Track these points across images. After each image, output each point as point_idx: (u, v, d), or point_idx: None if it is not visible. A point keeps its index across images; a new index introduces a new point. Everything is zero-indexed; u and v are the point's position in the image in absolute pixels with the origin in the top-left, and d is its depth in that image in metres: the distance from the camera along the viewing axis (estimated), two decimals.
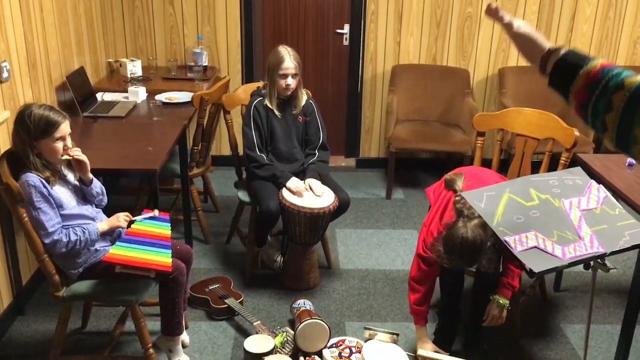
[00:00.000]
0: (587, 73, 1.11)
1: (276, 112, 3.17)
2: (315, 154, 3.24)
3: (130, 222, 2.49)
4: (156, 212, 2.56)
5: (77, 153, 2.35)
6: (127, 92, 3.72)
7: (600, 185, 2.11)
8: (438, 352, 2.56)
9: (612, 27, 4.60)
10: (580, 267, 1.93)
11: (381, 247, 3.73)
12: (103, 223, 2.44)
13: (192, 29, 4.47)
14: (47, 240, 2.25)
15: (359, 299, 3.18)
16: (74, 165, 2.39)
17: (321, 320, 2.71)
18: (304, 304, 2.93)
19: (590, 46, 4.64)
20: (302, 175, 3.19)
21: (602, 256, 1.83)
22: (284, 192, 3.05)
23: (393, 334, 2.75)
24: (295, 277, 3.22)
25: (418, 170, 4.84)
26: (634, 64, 4.69)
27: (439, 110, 4.55)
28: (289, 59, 3.09)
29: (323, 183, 3.16)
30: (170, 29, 4.47)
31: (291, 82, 3.11)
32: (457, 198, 2.24)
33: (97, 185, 2.47)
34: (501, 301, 2.46)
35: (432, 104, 4.56)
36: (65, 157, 2.33)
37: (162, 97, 3.67)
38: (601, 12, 4.55)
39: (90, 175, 2.43)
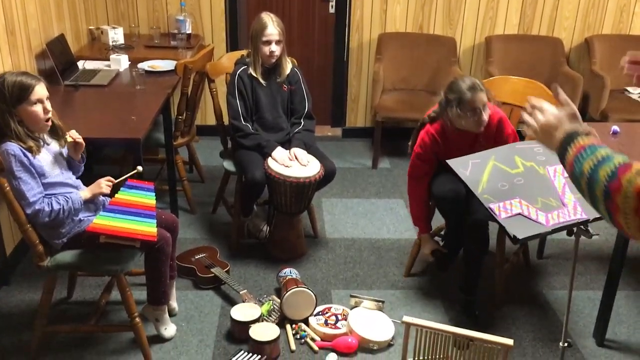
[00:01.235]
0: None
1: (261, 80, 3.13)
2: (301, 123, 3.22)
3: (114, 187, 2.47)
4: (139, 168, 2.54)
5: (76, 135, 2.37)
6: (109, 60, 3.65)
7: None
8: (438, 251, 2.82)
9: None
10: (563, 234, 1.95)
11: (367, 216, 3.75)
12: (85, 191, 2.42)
13: None
14: (28, 210, 2.23)
15: (345, 268, 3.20)
16: (69, 146, 2.38)
17: (307, 288, 2.72)
18: (290, 272, 2.94)
19: (577, 13, 4.62)
20: (287, 145, 3.17)
21: (585, 222, 1.85)
22: (270, 161, 3.04)
23: (378, 301, 2.78)
24: (282, 246, 3.23)
25: (404, 139, 4.80)
26: (620, 32, 4.69)
27: (426, 79, 4.53)
28: (272, 25, 3.05)
29: (309, 152, 3.15)
30: None
31: (275, 48, 3.07)
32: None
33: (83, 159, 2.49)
34: None
35: (418, 72, 4.54)
36: (68, 139, 2.35)
37: (144, 65, 3.61)
38: None
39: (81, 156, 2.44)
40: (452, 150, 2.65)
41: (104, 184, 2.43)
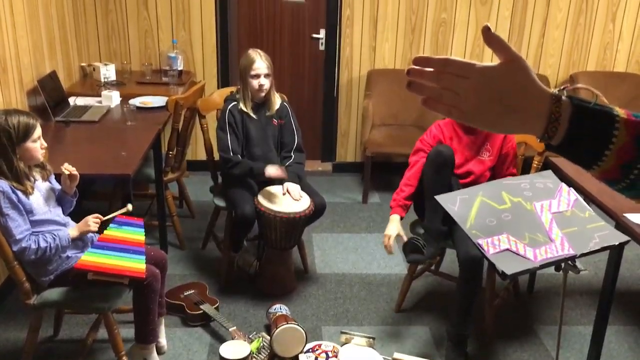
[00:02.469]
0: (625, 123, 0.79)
1: (251, 114, 3.16)
2: (291, 156, 3.24)
3: (103, 223, 2.46)
4: (129, 206, 2.53)
5: (71, 167, 2.39)
6: (100, 96, 3.68)
7: (571, 188, 2.15)
8: (400, 237, 2.78)
9: (583, 33, 4.69)
10: (553, 269, 1.96)
11: (357, 251, 3.74)
12: (73, 229, 2.41)
13: (167, 33, 4.44)
14: (15, 248, 2.22)
15: (335, 303, 3.18)
16: (63, 180, 2.39)
17: (297, 325, 2.70)
18: (280, 308, 2.92)
19: (561, 51, 4.72)
20: (277, 181, 3.18)
21: (573, 258, 1.86)
22: (260, 197, 3.04)
23: (369, 337, 2.76)
24: (272, 281, 3.21)
25: (394, 174, 4.84)
26: (604, 69, 4.79)
27: (414, 115, 4.59)
28: (259, 59, 3.10)
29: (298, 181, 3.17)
30: (145, 32, 4.43)
31: (264, 81, 3.11)
32: None
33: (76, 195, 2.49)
34: None
35: (407, 108, 4.60)
36: (64, 170, 2.37)
37: (136, 101, 3.64)
38: (572, 18, 4.64)
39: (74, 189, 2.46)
40: (457, 151, 2.82)
41: (91, 222, 2.41)
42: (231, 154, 3.11)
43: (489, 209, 1.92)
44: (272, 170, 3.01)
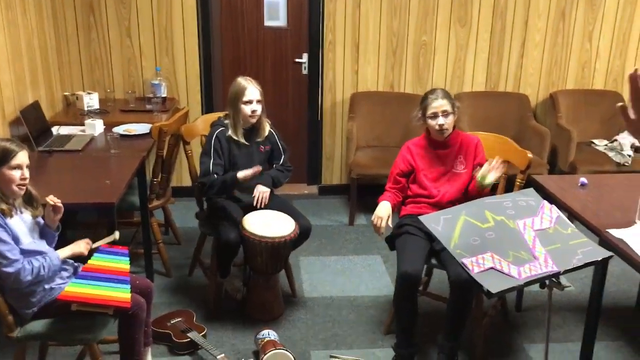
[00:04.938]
0: None
1: (242, 141, 3.17)
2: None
3: (91, 251, 2.45)
4: (116, 234, 2.52)
5: (55, 199, 2.37)
6: (83, 125, 3.67)
7: (553, 205, 2.17)
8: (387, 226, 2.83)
9: (561, 52, 4.78)
10: (538, 286, 1.97)
11: (345, 273, 3.73)
12: (64, 250, 2.39)
13: (150, 61, 4.46)
14: (11, 269, 2.18)
15: (324, 327, 3.16)
16: (47, 211, 2.37)
17: (286, 350, 2.67)
18: (268, 334, 2.89)
19: (541, 71, 4.80)
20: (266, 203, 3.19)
21: (557, 275, 1.87)
22: (245, 222, 3.04)
23: None
24: (259, 307, 3.19)
25: (379, 195, 4.87)
26: (583, 87, 4.87)
27: (398, 136, 4.62)
28: (252, 86, 3.13)
29: (284, 209, 3.16)
30: (128, 61, 4.45)
31: (257, 107, 3.13)
32: None
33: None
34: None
35: (391, 130, 4.63)
36: (48, 201, 2.35)
37: (119, 129, 3.63)
38: (550, 39, 4.73)
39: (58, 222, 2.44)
40: (433, 164, 2.95)
41: (83, 245, 2.41)
42: (210, 176, 3.10)
43: (472, 228, 1.93)
44: (242, 174, 3.06)
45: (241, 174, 3.07)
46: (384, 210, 2.87)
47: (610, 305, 3.41)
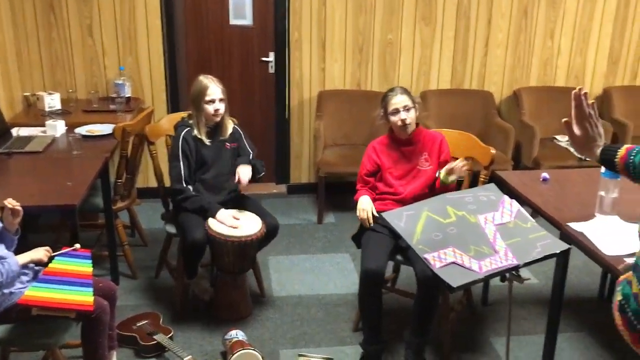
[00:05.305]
0: (620, 159, 1.72)
1: (206, 140, 3.14)
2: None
3: (51, 258, 2.39)
4: (77, 246, 2.47)
5: (13, 202, 2.30)
6: (44, 126, 3.59)
7: (513, 199, 2.20)
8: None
9: (524, 50, 4.86)
10: (500, 279, 2.00)
11: (314, 271, 3.73)
12: (23, 256, 2.33)
13: (113, 60, 4.39)
14: None
15: (292, 326, 3.16)
16: (5, 215, 2.31)
17: (254, 350, 2.66)
18: (236, 334, 2.88)
19: (504, 68, 4.87)
20: (230, 204, 3.17)
21: (517, 268, 1.90)
22: (210, 221, 3.01)
23: (328, 359, 2.74)
24: (227, 307, 3.17)
25: (348, 193, 4.87)
26: (546, 84, 4.96)
27: (366, 134, 4.63)
28: (214, 85, 3.10)
29: (251, 208, 3.15)
30: (91, 60, 4.37)
31: (219, 106, 3.11)
32: None
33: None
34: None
35: (358, 128, 4.65)
36: (6, 205, 2.28)
37: (82, 130, 3.56)
38: (512, 37, 4.80)
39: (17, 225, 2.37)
40: (398, 162, 2.97)
41: (42, 252, 2.35)
42: (184, 184, 3.08)
43: (434, 223, 1.95)
44: (222, 216, 3.02)
45: (221, 216, 3.02)
46: (366, 203, 2.91)
47: (573, 297, 3.48)
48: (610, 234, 2.27)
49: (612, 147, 1.77)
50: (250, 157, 3.28)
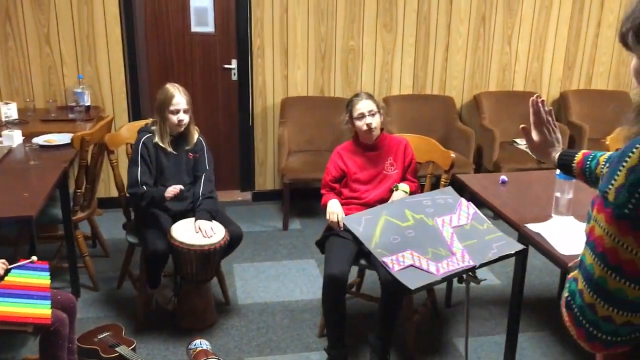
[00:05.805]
0: (577, 164, 1.82)
1: (169, 149, 3.11)
2: (200, 196, 3.17)
3: (7, 271, 2.33)
4: (34, 258, 2.42)
5: None
6: (0, 136, 3.51)
7: (470, 202, 2.25)
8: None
9: (483, 56, 4.96)
10: (458, 280, 2.03)
11: (279, 278, 3.73)
12: None
13: (72, 69, 4.32)
14: None
15: (258, 334, 3.14)
16: None
17: (219, 358, 2.64)
18: (200, 344, 2.85)
19: (464, 74, 4.96)
20: (192, 214, 3.14)
21: (473, 269, 1.93)
22: (173, 230, 2.98)
23: None
24: (191, 316, 3.14)
25: (313, 199, 4.89)
26: (505, 89, 5.07)
27: (330, 140, 4.66)
28: (179, 94, 3.07)
29: (215, 218, 3.13)
30: (48, 69, 4.30)
31: (183, 117, 3.08)
32: None
33: None
34: (404, 189, 2.85)
35: (322, 134, 4.67)
36: None
37: (40, 139, 3.50)
38: (472, 43, 4.90)
39: None
40: (363, 167, 3.01)
41: None
42: (139, 186, 3.03)
43: (393, 227, 1.97)
44: (169, 192, 3.00)
45: (168, 193, 3.01)
46: (335, 206, 2.92)
47: (533, 297, 3.55)
48: (566, 234, 2.33)
49: (569, 152, 1.83)
50: (203, 176, 3.21)
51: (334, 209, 2.91)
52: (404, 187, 2.92)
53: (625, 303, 1.01)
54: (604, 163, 1.75)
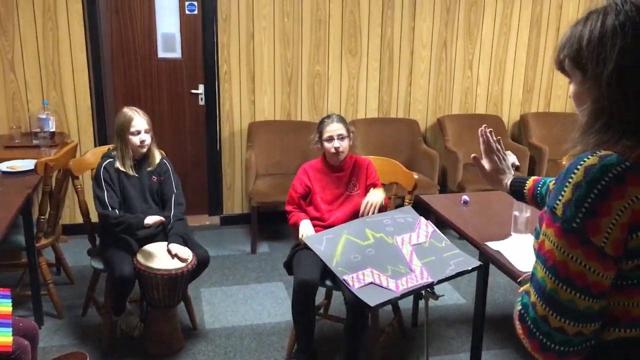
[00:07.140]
0: (528, 190, 1.91)
1: (131, 173, 3.12)
2: (171, 210, 3.18)
3: None
4: None
5: None
6: None
7: (429, 220, 2.30)
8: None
9: (445, 79, 5.09)
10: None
11: (247, 302, 3.72)
12: None
13: (36, 95, 4.30)
14: None
15: (225, 358, 3.13)
16: None
17: None
18: None
19: (428, 97, 5.08)
20: (159, 237, 3.14)
21: (431, 285, 1.98)
22: (139, 256, 2.97)
23: None
24: (157, 342, 3.11)
25: (281, 222, 4.91)
26: (467, 111, 5.20)
27: (297, 163, 4.68)
28: (138, 116, 3.09)
29: (187, 242, 3.12)
30: (12, 95, 4.27)
31: (145, 137, 3.09)
32: None
33: None
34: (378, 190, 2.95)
35: (289, 157, 4.72)
36: None
37: (2, 166, 3.46)
38: (434, 67, 5.03)
39: None
40: (328, 187, 3.07)
41: None
42: (109, 209, 3.02)
43: (353, 246, 2.01)
44: (150, 220, 2.97)
45: (149, 221, 2.98)
46: (307, 227, 2.94)
47: (498, 315, 3.62)
48: (524, 251, 2.40)
49: (520, 178, 1.91)
50: (172, 199, 3.22)
51: (305, 230, 2.93)
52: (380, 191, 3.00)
53: (577, 314, 1.05)
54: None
